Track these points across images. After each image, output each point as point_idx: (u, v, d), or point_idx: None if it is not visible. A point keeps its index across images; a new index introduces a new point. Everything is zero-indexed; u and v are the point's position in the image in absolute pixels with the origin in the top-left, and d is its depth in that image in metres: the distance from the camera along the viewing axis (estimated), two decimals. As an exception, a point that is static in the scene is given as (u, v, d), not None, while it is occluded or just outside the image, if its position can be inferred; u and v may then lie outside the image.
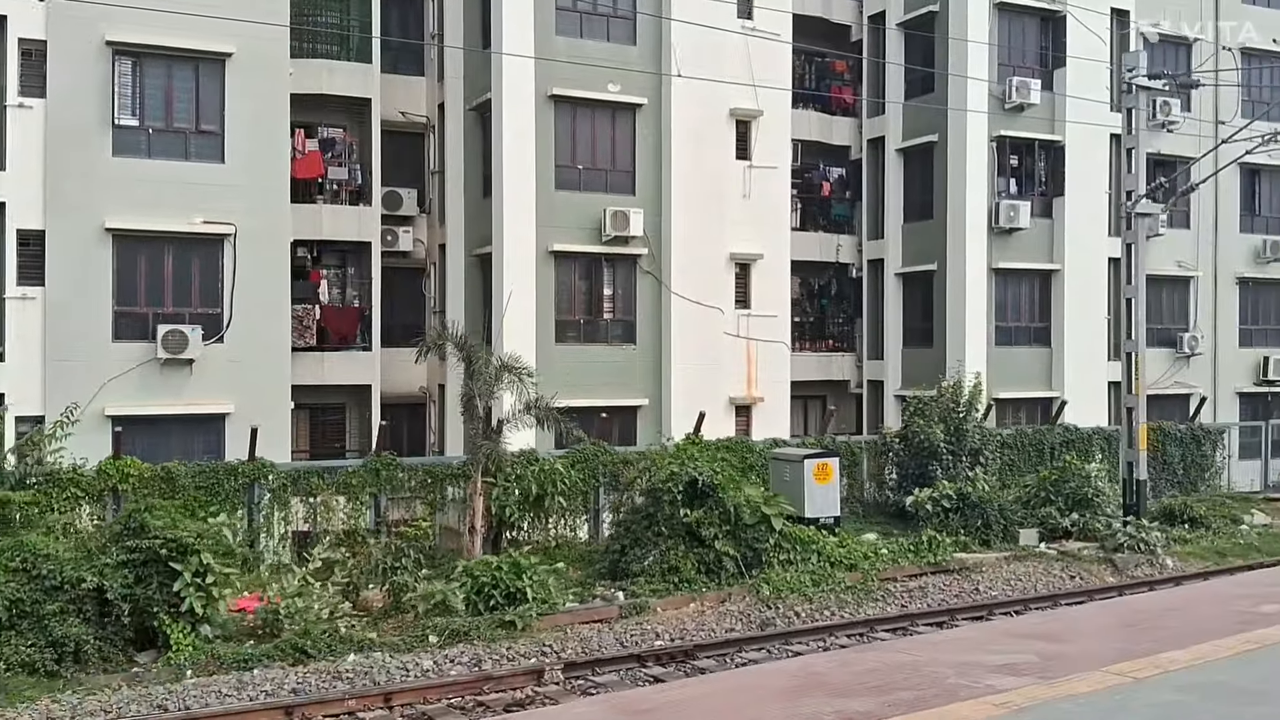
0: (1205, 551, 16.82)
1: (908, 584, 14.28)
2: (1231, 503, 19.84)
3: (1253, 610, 8.97)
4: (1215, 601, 9.46)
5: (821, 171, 29.58)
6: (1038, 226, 27.09)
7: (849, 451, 18.84)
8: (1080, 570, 15.52)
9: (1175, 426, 22.33)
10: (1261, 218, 31.02)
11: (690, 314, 23.20)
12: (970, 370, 26.30)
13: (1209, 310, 30.06)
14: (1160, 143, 29.00)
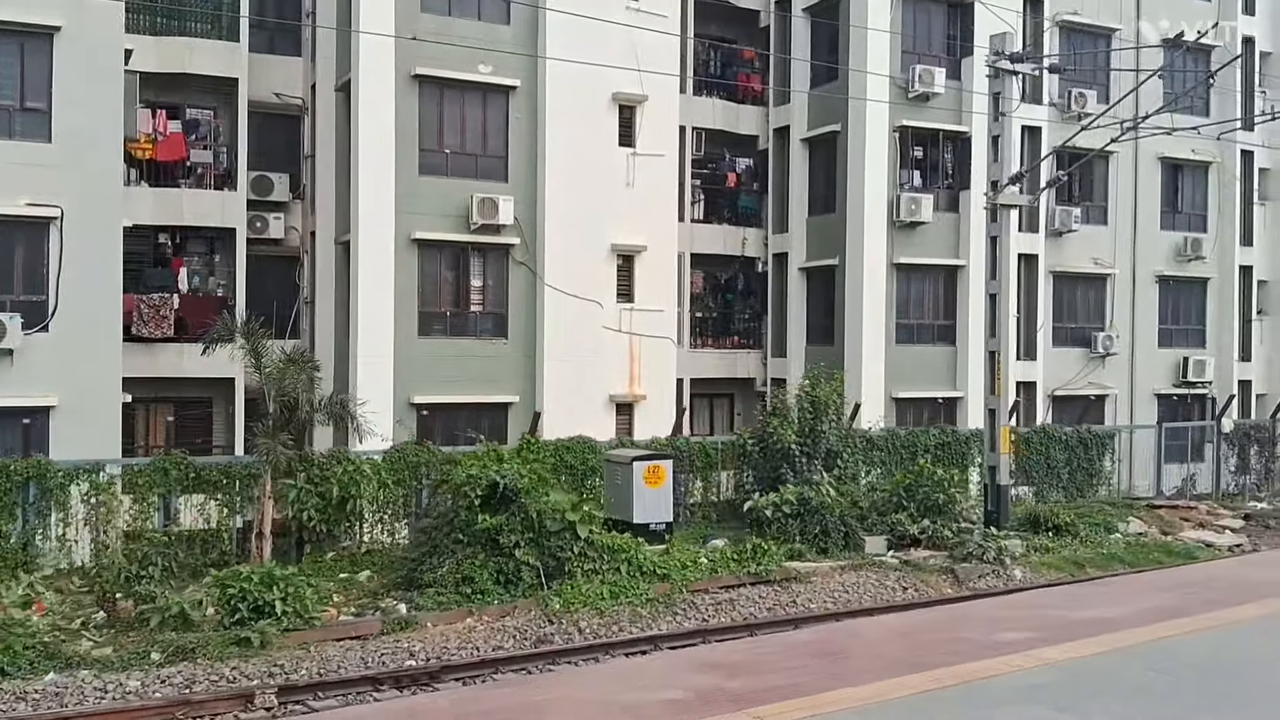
0: (1062, 562, 15.81)
1: (719, 596, 13.22)
2: (1111, 510, 18.83)
3: (985, 639, 7.92)
4: (957, 625, 8.42)
5: (728, 162, 28.47)
6: (942, 220, 26.04)
7: (704, 453, 17.78)
8: (918, 581, 14.49)
9: (1060, 430, 21.31)
10: (1183, 214, 30.03)
11: (566, 307, 22.08)
12: (868, 369, 25.45)
13: (1126, 309, 29.07)
14: (1081, 141, 27.98)
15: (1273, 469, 23.32)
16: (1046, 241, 27.65)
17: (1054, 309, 28.18)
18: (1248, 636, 8.27)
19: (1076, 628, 8.44)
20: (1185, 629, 8.52)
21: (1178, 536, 17.77)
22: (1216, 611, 9.13)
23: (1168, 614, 9.27)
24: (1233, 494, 22.45)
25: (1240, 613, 9.14)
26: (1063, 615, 8.92)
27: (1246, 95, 30.30)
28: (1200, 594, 10.37)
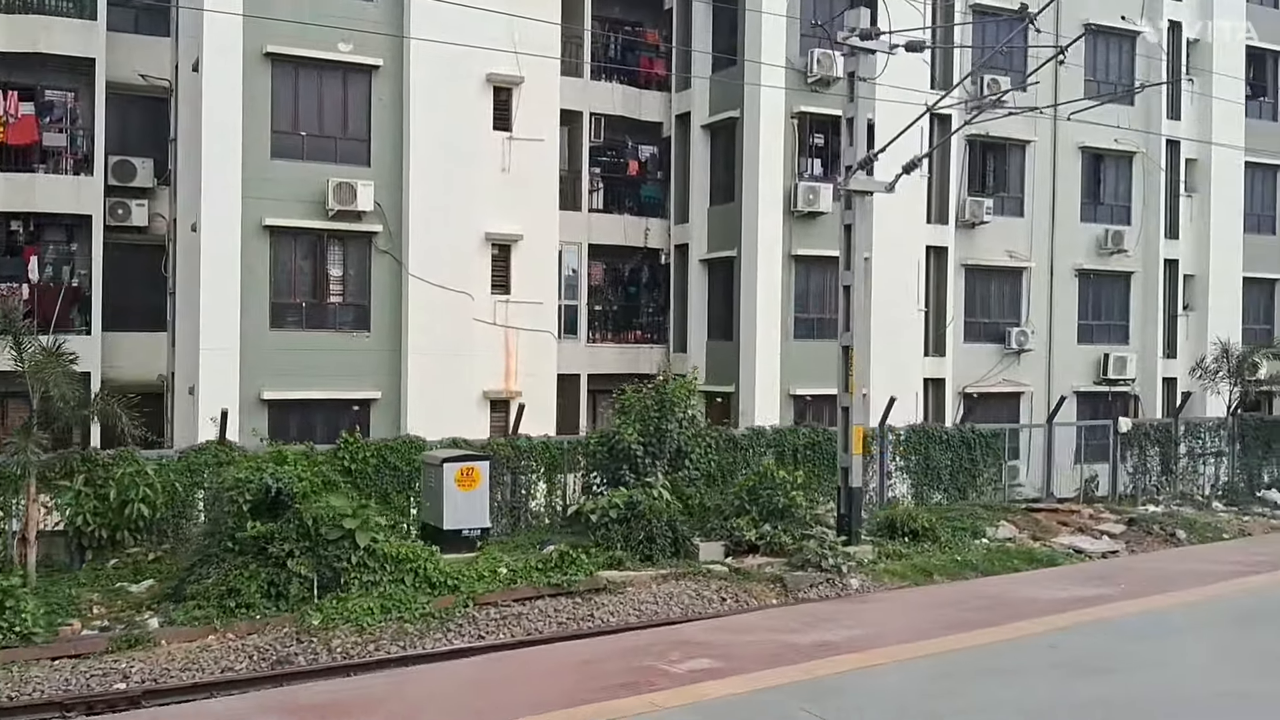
0: (909, 569, 14.77)
1: (508, 610, 12.17)
2: (986, 513, 17.83)
3: (658, 667, 6.88)
4: (654, 650, 7.36)
5: (630, 149, 27.40)
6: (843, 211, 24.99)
7: (547, 452, 16.71)
8: (743, 590, 13.46)
9: (941, 429, 20.29)
10: (1105, 206, 28.99)
11: (434, 298, 20.98)
12: (763, 364, 24.40)
13: (1044, 304, 28.04)
14: (989, 123, 26.96)
15: (1174, 470, 22.32)
16: (957, 233, 26.60)
17: (966, 303, 27.14)
18: (956, 665, 7.26)
19: (783, 654, 7.42)
20: (910, 654, 7.50)
21: (1048, 542, 16.78)
22: (965, 633, 8.12)
23: (912, 634, 8.27)
24: (1130, 496, 21.47)
25: (995, 634, 8.13)
26: (783, 640, 7.88)
27: (1172, 82, 29.29)
28: (983, 611, 9.36)
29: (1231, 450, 23.25)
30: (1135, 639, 8.02)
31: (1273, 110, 31.22)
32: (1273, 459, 23.52)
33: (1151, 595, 9.66)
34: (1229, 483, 22.86)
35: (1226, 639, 8.34)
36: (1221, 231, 29.73)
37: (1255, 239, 30.68)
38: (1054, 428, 21.51)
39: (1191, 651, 7.95)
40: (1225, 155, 29.40)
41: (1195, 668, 7.47)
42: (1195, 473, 22.62)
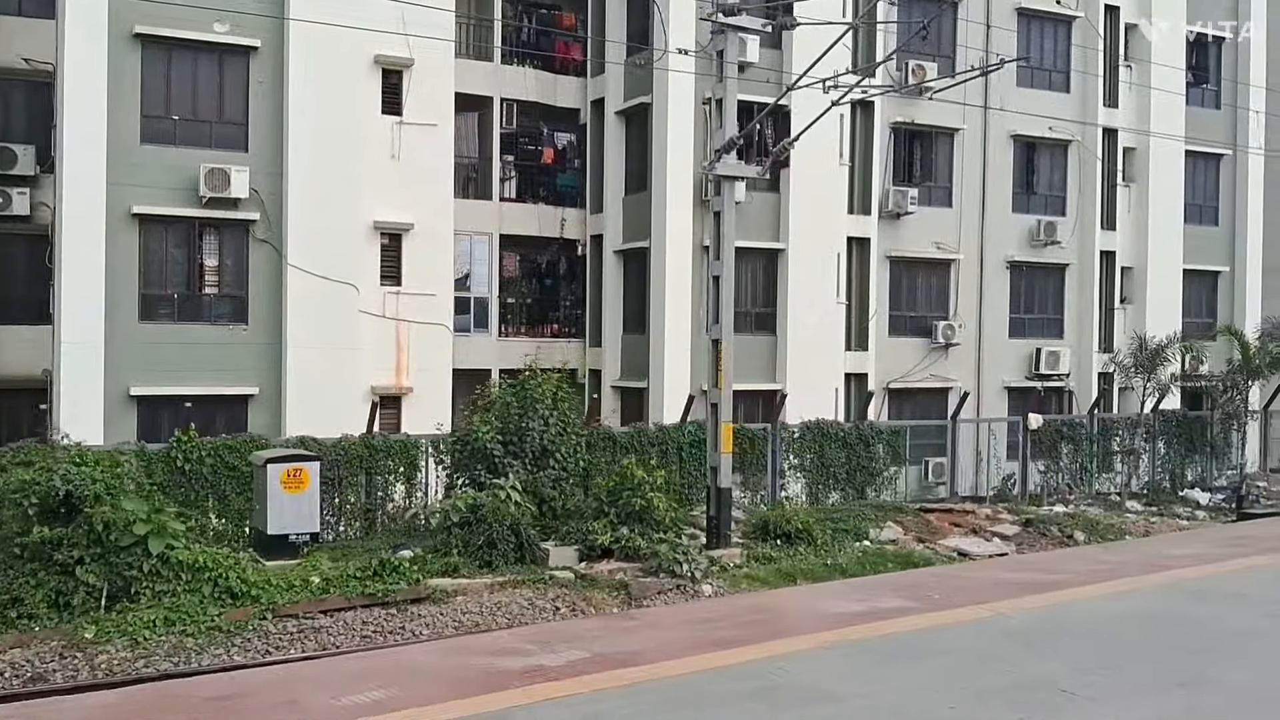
0: (772, 575, 13.98)
1: (308, 622, 11.37)
2: (874, 514, 17.03)
3: (320, 701, 6.08)
4: (308, 684, 6.59)
5: (546, 136, 26.56)
6: (760, 200, 24.17)
7: (405, 451, 15.92)
8: (582, 599, 12.67)
9: (838, 426, 19.49)
10: (1038, 196, 28.18)
11: (316, 290, 20.13)
12: (673, 360, 23.59)
13: (973, 297, 27.26)
14: (915, 111, 26.19)
15: (1090, 469, 21.57)
16: (881, 224, 25.77)
17: (891, 296, 26.34)
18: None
19: (488, 681, 6.64)
20: (633, 679, 6.73)
21: (934, 545, 16.02)
22: (716, 652, 7.35)
23: (663, 654, 7.51)
24: (1043, 495, 20.71)
25: (742, 654, 7.36)
26: (503, 666, 7.09)
27: (1109, 69, 28.49)
28: (765, 625, 8.60)
29: (1152, 448, 22.51)
30: (884, 661, 7.25)
31: (1216, 98, 30.41)
32: (1196, 457, 22.79)
33: (959, 608, 8.92)
34: (1150, 482, 22.14)
35: (979, 662, 7.52)
36: (1160, 222, 28.94)
37: (1196, 230, 29.88)
38: (958, 424, 20.74)
39: (928, 677, 7.13)
40: (1165, 144, 28.60)
41: (918, 695, 6.68)
42: (1113, 471, 21.86)
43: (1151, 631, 8.41)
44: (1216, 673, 7.27)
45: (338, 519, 15.41)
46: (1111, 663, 7.40)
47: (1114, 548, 14.45)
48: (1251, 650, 7.92)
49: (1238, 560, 11.29)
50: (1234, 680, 7.10)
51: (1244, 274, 30.43)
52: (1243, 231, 30.45)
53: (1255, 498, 20.88)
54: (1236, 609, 8.92)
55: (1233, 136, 30.34)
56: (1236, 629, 8.31)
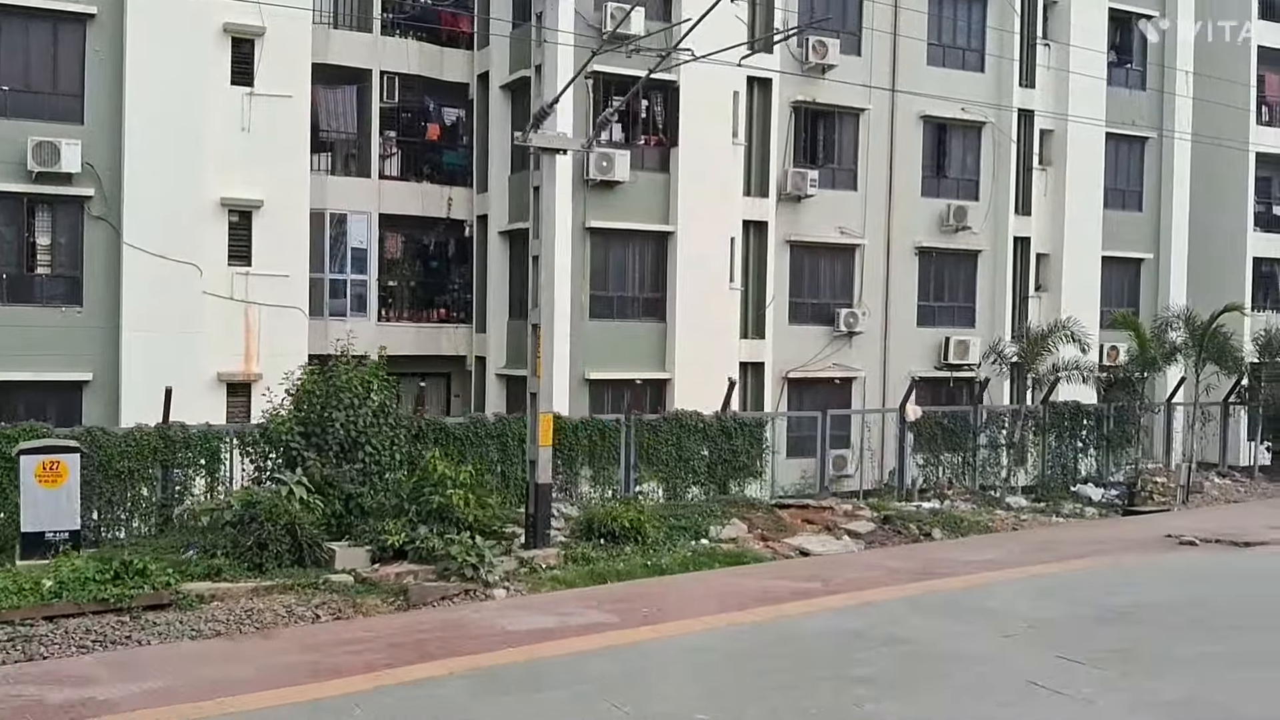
0: (582, 576, 13.08)
1: (27, 630, 10.41)
2: (721, 510, 16.18)
3: None
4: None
5: (432, 112, 25.54)
6: (647, 181, 23.20)
7: (206, 443, 14.98)
8: (352, 605, 11.79)
9: (697, 417, 18.61)
10: (950, 180, 27.27)
11: (157, 270, 19.10)
12: (554, 347, 22.61)
13: (879, 284, 26.38)
14: (818, 90, 25.25)
15: (973, 463, 20.78)
16: (781, 207, 24.84)
17: (792, 282, 25.43)
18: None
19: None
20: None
21: (778, 543, 15.19)
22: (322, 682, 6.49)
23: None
24: (922, 490, 19.92)
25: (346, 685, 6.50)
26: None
27: (1026, 49, 27.58)
28: (444, 644, 7.74)
29: (1042, 441, 21.73)
30: (500, 692, 6.41)
31: (1141, 78, 29.54)
32: (1090, 451, 22.02)
33: (663, 623, 8.12)
34: (1040, 476, 21.38)
35: (575, 700, 6.68)
36: (1078, 207, 28.06)
37: (1118, 215, 29.04)
38: (829, 416, 19.91)
39: (529, 712, 6.29)
40: (1084, 126, 27.70)
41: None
42: (998, 465, 21.07)
43: (827, 656, 7.60)
44: (859, 711, 6.44)
45: (130, 515, 14.48)
46: (724, 699, 6.57)
47: (917, 550, 13.57)
48: (934, 682, 7.10)
49: (1028, 567, 10.54)
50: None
51: (1169, 261, 29.65)
52: (1168, 217, 29.64)
53: (1148, 494, 20.14)
54: (970, 628, 8.15)
55: (1158, 119, 29.52)
56: (946, 652, 7.52)
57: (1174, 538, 12.48)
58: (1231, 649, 8.09)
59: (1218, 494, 20.75)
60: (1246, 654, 7.94)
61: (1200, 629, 8.63)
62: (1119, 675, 7.28)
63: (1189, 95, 29.63)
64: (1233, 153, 30.91)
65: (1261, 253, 33.05)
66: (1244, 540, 12.12)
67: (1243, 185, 32.21)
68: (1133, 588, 9.71)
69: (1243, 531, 13.24)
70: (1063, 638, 8.31)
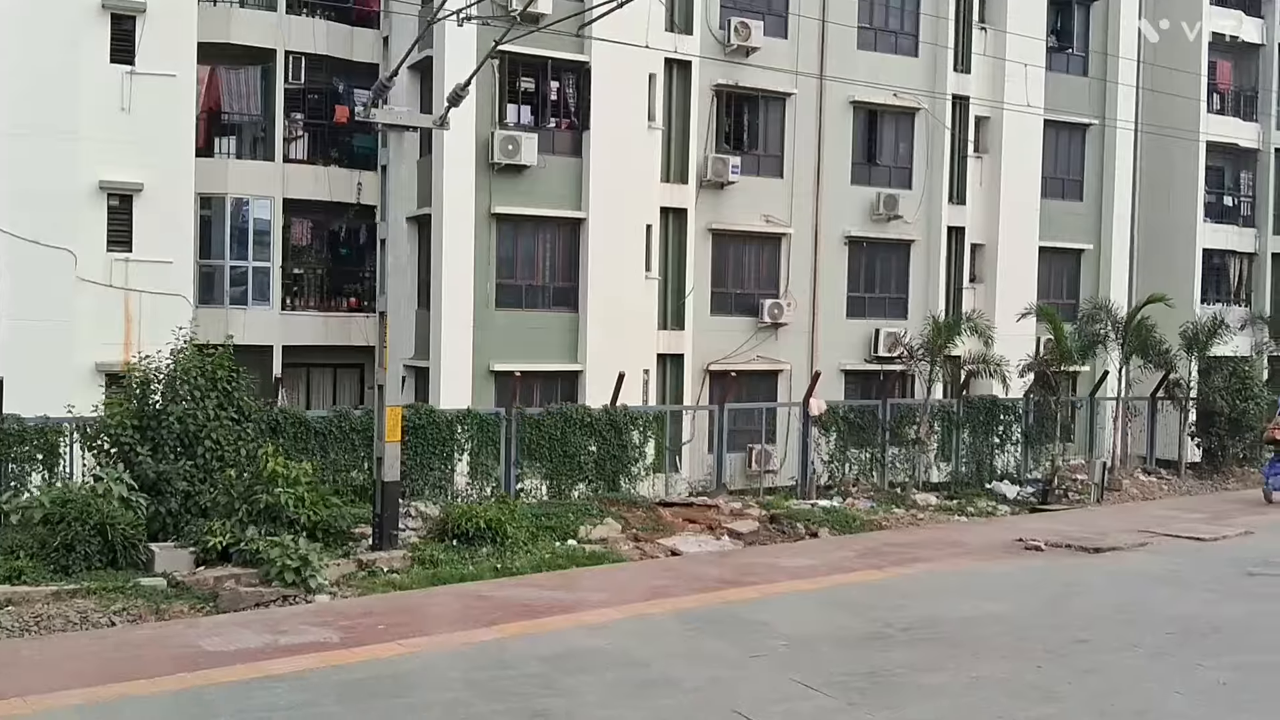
0: (425, 580, 12.41)
1: None
2: (597, 509, 15.45)
3: None
4: None
5: (342, 94, 24.74)
6: (557, 165, 22.42)
7: (42, 436, 14.21)
8: (152, 611, 10.97)
9: (585, 410, 17.87)
10: (882, 168, 26.53)
11: (28, 255, 18.36)
12: (453, 337, 21.86)
13: (807, 274, 25.66)
14: (741, 74, 24.48)
15: (883, 459, 20.09)
16: (702, 194, 24.07)
17: (715, 272, 24.70)
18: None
19: None
20: None
21: (650, 543, 14.49)
22: None
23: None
24: (826, 487, 19.23)
25: None
26: None
27: (962, 33, 26.85)
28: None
29: (955, 437, 21.06)
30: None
31: (1082, 64, 28.80)
32: (1009, 447, 21.35)
33: (392, 642, 7.43)
34: (954, 473, 20.71)
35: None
36: (1015, 196, 27.32)
37: (1057, 204, 28.32)
38: (725, 411, 19.20)
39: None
40: (1022, 113, 26.95)
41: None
42: (909, 462, 20.38)
43: (518, 683, 6.86)
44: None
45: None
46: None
47: (763, 552, 12.79)
48: (622, 713, 6.33)
49: (849, 574, 9.87)
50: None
51: (1110, 252, 28.97)
52: (1109, 207, 28.96)
53: (1063, 492, 19.49)
54: (722, 646, 7.50)
55: (1101, 106, 28.81)
56: (666, 677, 6.80)
57: (1022, 542, 11.77)
58: (994, 674, 7.26)
59: (1137, 492, 20.08)
60: (1005, 683, 7.09)
61: (972, 650, 7.77)
62: (845, 705, 6.54)
63: (1134, 84, 28.94)
64: (1185, 142, 30.27)
65: (1212, 244, 32.48)
66: (1095, 546, 11.44)
67: (1194, 175, 31.61)
68: (937, 599, 8.96)
69: (1105, 535, 12.49)
70: (814, 659, 7.50)
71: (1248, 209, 33.83)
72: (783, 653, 7.53)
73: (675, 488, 19.38)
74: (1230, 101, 33.41)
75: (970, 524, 15.99)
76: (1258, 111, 33.30)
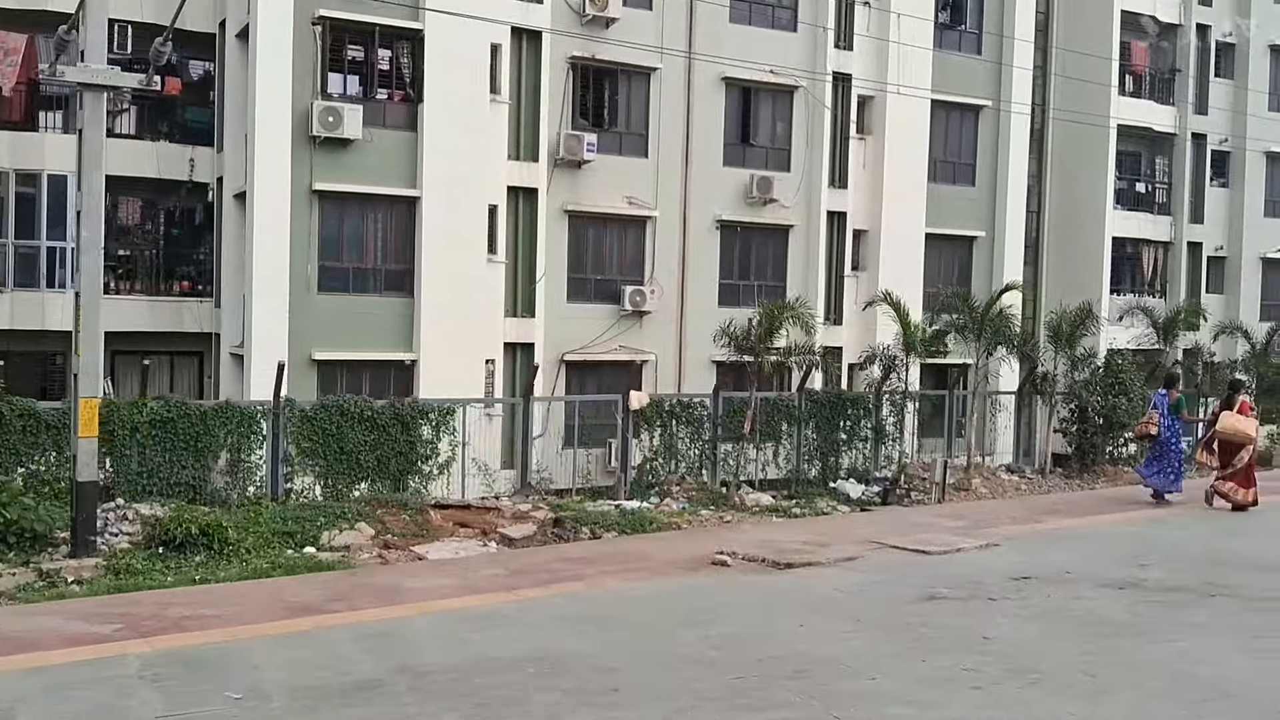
0: (107, 590, 10.85)
1: None
2: (357, 511, 13.91)
3: None
4: None
5: (175, 64, 23.11)
6: (389, 140, 20.81)
7: None
8: None
9: (365, 403, 16.30)
10: (757, 149, 25.04)
11: None
12: (265, 323, 20.27)
13: (675, 260, 24.19)
14: (599, 47, 22.95)
15: (714, 457, 18.66)
16: (557, 173, 22.55)
17: (572, 256, 23.20)
18: None
19: None
20: None
21: (407, 549, 13.00)
22: None
23: None
24: (649, 485, 17.79)
25: None
26: None
27: (844, 7, 25.36)
28: None
29: (798, 432, 19.63)
30: None
31: (976, 42, 27.38)
32: (856, 443, 19.94)
33: None
34: (795, 470, 19.29)
35: None
36: (900, 180, 25.86)
37: (947, 189, 26.87)
38: (533, 403, 17.73)
39: None
40: (908, 93, 25.54)
41: None
42: (743, 459, 18.94)
43: None
44: None
45: None
46: None
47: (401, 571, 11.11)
48: None
49: (472, 597, 8.39)
50: None
51: (1004, 239, 27.55)
52: (1004, 193, 27.54)
53: (906, 490, 18.11)
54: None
55: (996, 88, 27.41)
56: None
57: (725, 554, 10.24)
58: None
59: (986, 492, 18.67)
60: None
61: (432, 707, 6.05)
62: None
63: (1029, 66, 27.55)
64: (1096, 126, 28.95)
65: (1123, 232, 31.20)
66: (788, 562, 9.97)
67: (1103, 161, 30.31)
68: (513, 632, 7.28)
69: (828, 546, 10.82)
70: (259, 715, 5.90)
71: (1163, 196, 32.54)
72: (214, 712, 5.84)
73: (495, 486, 17.96)
74: (1146, 84, 32.07)
75: (762, 525, 14.51)
76: (1174, 95, 32.01)
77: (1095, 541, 11.69)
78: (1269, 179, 33.37)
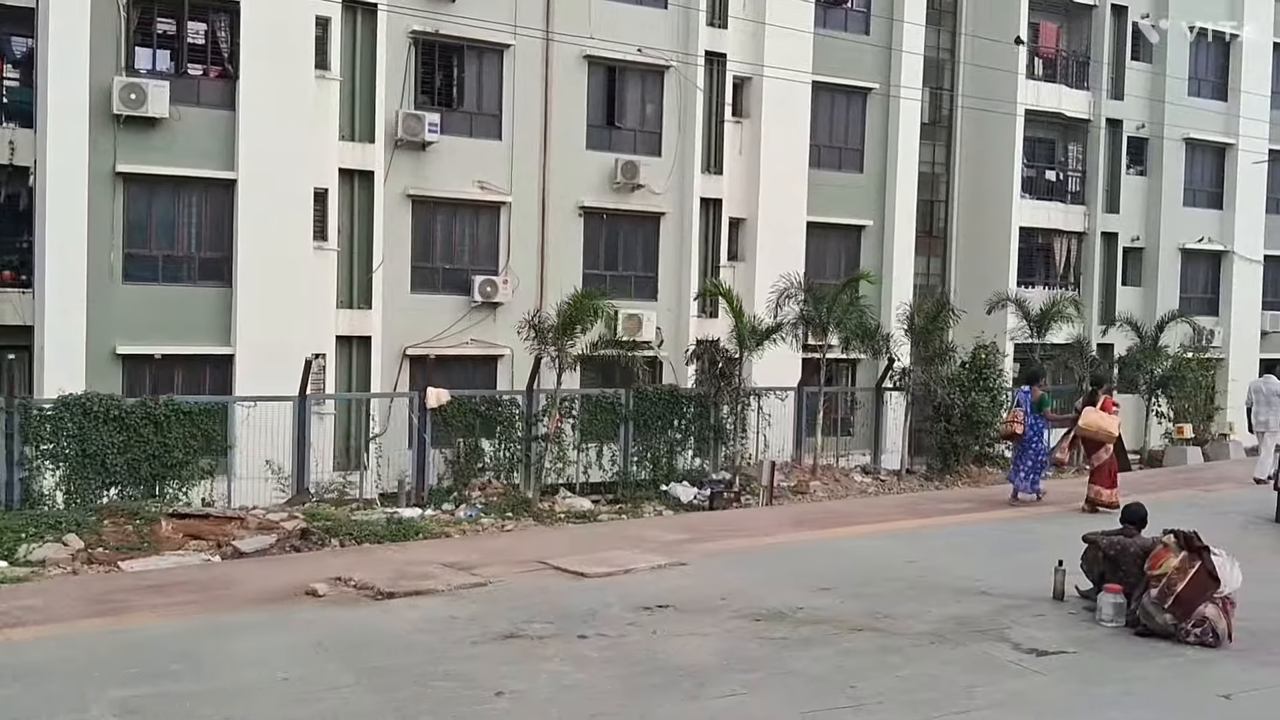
0: None
1: None
2: (70, 520, 12.47)
3: None
4: None
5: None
6: (202, 119, 19.20)
7: None
8: None
9: (114, 402, 14.67)
10: (625, 132, 23.49)
11: None
12: (60, 316, 18.75)
13: (533, 249, 22.72)
14: (443, 22, 21.34)
15: (525, 458, 17.16)
16: (398, 156, 21.00)
17: (417, 244, 21.68)
18: None
19: None
20: None
21: (115, 564, 11.57)
22: None
23: None
24: (447, 490, 16.33)
25: None
26: None
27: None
28: None
29: (624, 432, 18.20)
30: None
31: (863, 21, 25.80)
32: (690, 443, 18.51)
33: None
34: (622, 472, 17.86)
35: None
36: (778, 166, 24.33)
37: (832, 176, 25.37)
38: (309, 402, 16.26)
39: None
40: (788, 74, 24.11)
41: None
42: (562, 460, 17.49)
43: None
44: None
45: None
46: None
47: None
48: None
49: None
50: None
51: (893, 228, 26.10)
52: (893, 180, 26.08)
53: (737, 493, 16.70)
54: None
55: (885, 71, 25.97)
56: None
57: (337, 580, 8.66)
58: None
59: (824, 494, 17.24)
60: None
61: None
62: None
63: (919, 50, 26.10)
64: (1003, 113, 27.54)
65: (1033, 222, 29.73)
66: (389, 591, 8.46)
67: (1010, 147, 28.87)
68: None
69: (476, 568, 9.24)
70: None
71: (1078, 185, 31.09)
72: None
73: (287, 489, 16.47)
74: (1059, 68, 30.64)
75: (484, 538, 13.01)
76: (1089, 79, 30.57)
77: (808, 559, 9.87)
78: (1188, 167, 31.90)
